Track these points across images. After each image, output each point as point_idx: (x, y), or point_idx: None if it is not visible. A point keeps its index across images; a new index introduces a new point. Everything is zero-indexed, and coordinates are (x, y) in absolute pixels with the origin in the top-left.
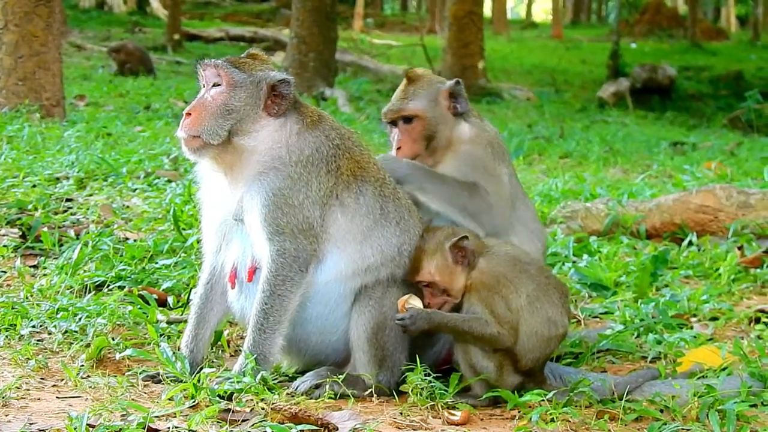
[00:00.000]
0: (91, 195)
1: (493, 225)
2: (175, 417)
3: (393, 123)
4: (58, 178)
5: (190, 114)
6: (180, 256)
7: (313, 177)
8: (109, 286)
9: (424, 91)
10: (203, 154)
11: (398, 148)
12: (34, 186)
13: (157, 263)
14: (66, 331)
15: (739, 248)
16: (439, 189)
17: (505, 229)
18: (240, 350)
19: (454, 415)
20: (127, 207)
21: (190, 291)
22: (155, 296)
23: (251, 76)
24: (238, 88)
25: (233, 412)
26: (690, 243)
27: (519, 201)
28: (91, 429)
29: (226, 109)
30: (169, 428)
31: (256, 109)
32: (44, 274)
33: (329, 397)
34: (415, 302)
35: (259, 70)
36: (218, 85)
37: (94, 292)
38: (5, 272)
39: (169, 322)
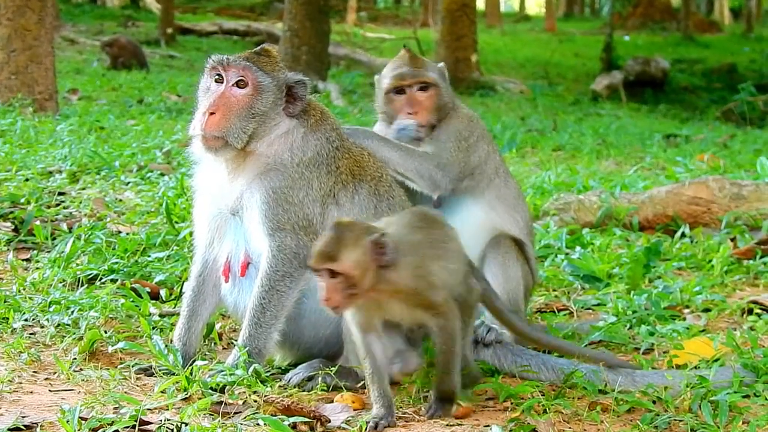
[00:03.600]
0: (83, 188)
1: (442, 182)
2: (168, 410)
3: (400, 91)
4: (50, 172)
5: (213, 113)
6: (172, 249)
7: (314, 177)
8: (101, 279)
9: (432, 65)
10: (221, 154)
11: (415, 113)
12: (27, 180)
13: (149, 256)
14: (58, 325)
15: (732, 240)
16: (385, 152)
17: (472, 194)
18: (232, 343)
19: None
20: (120, 200)
21: (183, 284)
22: (148, 289)
23: (275, 79)
24: (265, 93)
25: (226, 404)
26: (683, 235)
27: (500, 178)
28: (83, 422)
29: (251, 112)
30: (161, 421)
31: (277, 109)
32: (37, 268)
33: (322, 390)
34: None
35: (279, 71)
36: (243, 85)
37: (86, 286)
38: None
39: (161, 315)
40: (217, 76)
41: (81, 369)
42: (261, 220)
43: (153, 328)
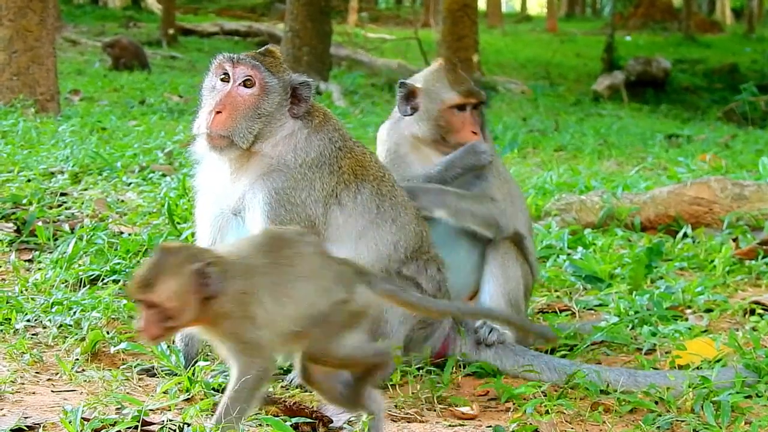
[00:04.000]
0: (85, 189)
1: (507, 225)
2: (170, 410)
3: (462, 107)
4: (52, 173)
5: (220, 112)
6: None
7: (316, 177)
8: (103, 279)
9: None
10: (226, 153)
11: (478, 133)
12: (29, 180)
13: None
14: (61, 325)
15: (734, 240)
16: (465, 208)
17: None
18: None
19: (465, 414)
20: (122, 201)
21: None
22: None
23: (281, 80)
24: (272, 93)
25: None
26: (685, 235)
27: (513, 185)
28: (85, 423)
29: (257, 112)
30: (163, 421)
31: (282, 110)
32: (39, 269)
33: None
34: None
35: (285, 72)
36: (250, 85)
37: (88, 286)
38: (0, 267)
39: None
40: (223, 75)
41: (83, 369)
42: (263, 221)
43: None
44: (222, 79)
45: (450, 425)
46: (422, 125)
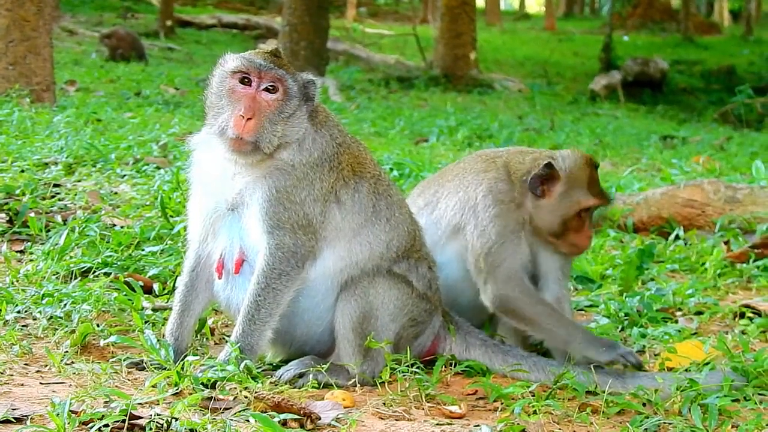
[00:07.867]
0: (79, 181)
1: None
2: (158, 404)
3: (588, 210)
4: (46, 164)
5: (250, 118)
6: (167, 244)
7: (317, 176)
8: (95, 272)
9: None
10: (249, 157)
11: (591, 236)
12: (23, 171)
13: (143, 250)
14: (51, 317)
15: (726, 243)
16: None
17: None
18: (224, 339)
19: (453, 413)
20: (115, 193)
21: (176, 278)
22: (141, 283)
23: (296, 81)
24: (293, 98)
25: (216, 400)
26: (677, 237)
27: None
28: (73, 415)
29: (281, 116)
30: (151, 415)
31: (301, 111)
32: (30, 260)
33: (313, 387)
34: None
35: (297, 72)
36: (273, 90)
37: (79, 279)
38: None
39: (154, 309)
40: (243, 77)
41: (72, 362)
42: (260, 218)
43: (145, 322)
44: (242, 81)
45: (438, 424)
46: (546, 215)
